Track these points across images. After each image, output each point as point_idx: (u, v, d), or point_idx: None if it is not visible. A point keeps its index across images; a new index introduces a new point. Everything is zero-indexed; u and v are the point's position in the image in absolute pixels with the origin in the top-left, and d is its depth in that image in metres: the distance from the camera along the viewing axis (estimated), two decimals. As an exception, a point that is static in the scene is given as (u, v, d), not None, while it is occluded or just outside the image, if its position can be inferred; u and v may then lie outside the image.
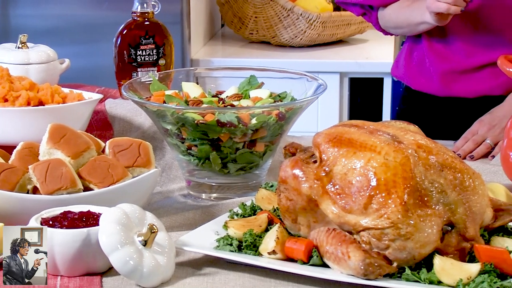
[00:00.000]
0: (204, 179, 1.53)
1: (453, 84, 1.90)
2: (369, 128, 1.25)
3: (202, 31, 3.09)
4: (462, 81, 1.89)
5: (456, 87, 1.90)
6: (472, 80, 1.88)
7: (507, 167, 1.48)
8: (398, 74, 2.04)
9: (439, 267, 1.13)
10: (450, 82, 1.90)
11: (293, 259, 1.22)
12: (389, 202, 1.16)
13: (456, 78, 1.89)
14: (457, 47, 1.88)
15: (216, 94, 1.63)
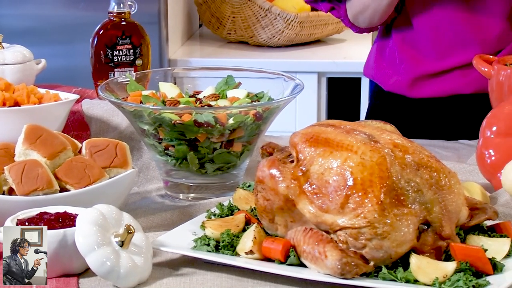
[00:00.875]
0: (181, 179, 1.53)
1: (423, 86, 1.91)
2: (346, 128, 1.25)
3: (180, 31, 3.09)
4: (432, 83, 1.90)
5: (427, 88, 1.91)
6: (442, 81, 1.89)
7: (483, 166, 1.49)
8: (370, 74, 2.05)
9: (415, 266, 1.14)
10: (421, 84, 1.91)
11: (271, 259, 1.22)
12: (365, 202, 1.16)
13: (426, 80, 1.91)
14: (427, 50, 1.90)
15: (193, 94, 1.63)
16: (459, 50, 1.86)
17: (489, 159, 1.47)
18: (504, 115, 1.48)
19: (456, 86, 1.89)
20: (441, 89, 1.90)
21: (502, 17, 1.81)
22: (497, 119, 1.48)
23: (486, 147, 1.48)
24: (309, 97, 2.87)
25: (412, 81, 1.91)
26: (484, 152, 1.48)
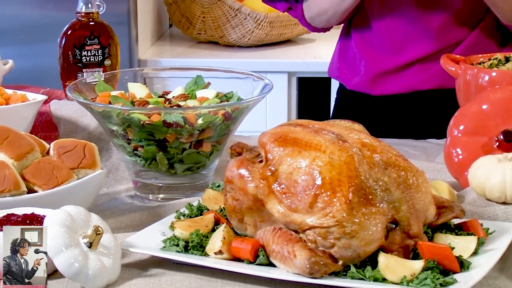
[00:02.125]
0: (151, 180, 1.52)
1: (383, 84, 1.93)
2: (314, 127, 1.26)
3: (150, 31, 3.08)
4: (392, 79, 1.92)
5: (387, 86, 1.93)
6: (401, 77, 1.92)
7: (450, 165, 1.50)
8: (334, 75, 2.07)
9: (383, 265, 1.15)
10: (381, 82, 1.93)
11: (240, 259, 1.22)
12: (334, 201, 1.17)
13: (385, 77, 1.93)
14: (384, 47, 1.92)
15: (162, 95, 1.63)
16: (413, 45, 1.89)
17: (457, 157, 1.48)
18: (471, 114, 1.49)
19: (415, 82, 1.91)
20: (400, 85, 1.93)
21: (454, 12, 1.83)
22: (464, 118, 1.50)
23: (454, 146, 1.49)
24: (279, 97, 2.87)
25: (372, 79, 1.94)
26: (451, 151, 1.49)
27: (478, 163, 1.39)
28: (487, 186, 1.36)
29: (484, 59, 1.65)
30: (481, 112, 1.48)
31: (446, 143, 1.51)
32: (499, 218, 1.34)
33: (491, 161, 1.38)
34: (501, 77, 1.54)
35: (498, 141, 1.45)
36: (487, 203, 1.37)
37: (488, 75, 1.55)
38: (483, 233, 1.24)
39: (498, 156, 1.38)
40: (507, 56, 1.62)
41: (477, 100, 1.50)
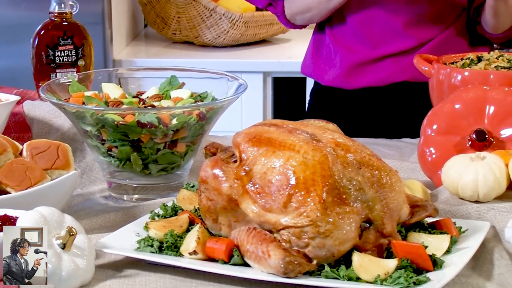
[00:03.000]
0: (125, 180, 1.52)
1: (358, 76, 1.95)
2: (288, 127, 1.26)
3: (124, 32, 3.07)
4: (367, 72, 1.94)
5: (362, 78, 1.94)
6: (376, 69, 1.93)
7: (424, 164, 1.51)
8: (307, 71, 2.07)
9: (357, 264, 1.15)
10: (356, 74, 1.95)
11: (214, 259, 1.22)
12: (308, 201, 1.17)
13: (360, 69, 1.94)
14: (360, 40, 1.93)
15: (136, 95, 1.62)
16: (388, 40, 1.90)
17: (430, 157, 1.49)
18: (444, 114, 1.50)
19: (389, 73, 1.93)
20: (375, 77, 1.94)
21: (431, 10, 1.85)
22: (437, 117, 1.51)
23: (427, 145, 1.50)
24: (255, 97, 2.87)
25: (348, 71, 1.95)
26: (425, 150, 1.50)
27: (451, 162, 1.40)
28: (459, 185, 1.37)
29: (457, 58, 1.66)
30: (454, 112, 1.49)
31: (419, 143, 1.52)
32: (472, 216, 1.34)
33: (464, 160, 1.39)
34: (473, 77, 1.55)
35: (470, 140, 1.46)
36: (460, 202, 1.38)
37: (460, 74, 1.56)
38: (456, 232, 1.25)
39: (471, 155, 1.39)
40: (479, 56, 1.63)
41: (450, 100, 1.51)
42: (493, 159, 1.37)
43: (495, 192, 1.36)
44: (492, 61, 1.59)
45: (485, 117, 1.48)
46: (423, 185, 1.42)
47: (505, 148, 1.44)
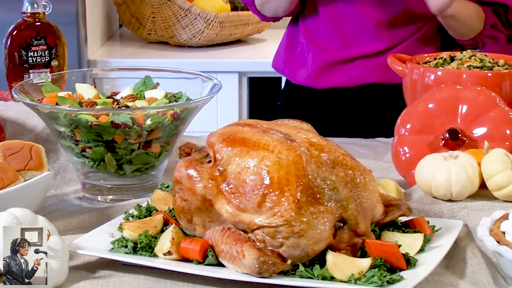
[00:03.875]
0: (99, 181, 1.51)
1: (328, 76, 1.95)
2: (262, 127, 1.26)
3: (99, 32, 3.05)
4: (337, 72, 1.94)
5: (332, 78, 1.95)
6: (348, 69, 1.94)
7: (398, 163, 1.52)
8: (278, 66, 2.07)
9: (331, 263, 1.15)
10: (326, 74, 1.95)
11: (189, 259, 1.22)
12: (282, 200, 1.17)
13: (333, 68, 1.94)
14: (331, 39, 1.93)
15: (111, 95, 1.62)
16: (360, 41, 1.91)
17: (404, 156, 1.50)
18: (417, 113, 1.51)
19: (359, 74, 1.93)
20: (345, 78, 1.94)
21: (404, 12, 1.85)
22: (411, 117, 1.51)
23: (401, 144, 1.51)
24: (230, 97, 2.87)
25: (319, 70, 1.95)
26: (399, 149, 1.51)
27: (424, 161, 1.41)
28: (433, 184, 1.38)
29: (430, 58, 1.67)
30: (427, 111, 1.50)
31: (393, 142, 1.53)
32: (445, 215, 1.35)
33: (437, 159, 1.39)
34: (446, 76, 1.56)
35: (444, 139, 1.47)
36: (433, 200, 1.39)
37: (434, 74, 1.57)
38: (429, 231, 1.26)
39: (444, 154, 1.40)
40: (452, 56, 1.64)
41: (423, 99, 1.52)
42: (465, 158, 1.38)
43: (468, 191, 1.37)
44: (464, 60, 1.61)
45: (458, 116, 1.49)
46: (397, 184, 1.43)
47: (478, 147, 1.45)
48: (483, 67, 1.58)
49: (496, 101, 1.48)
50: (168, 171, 1.56)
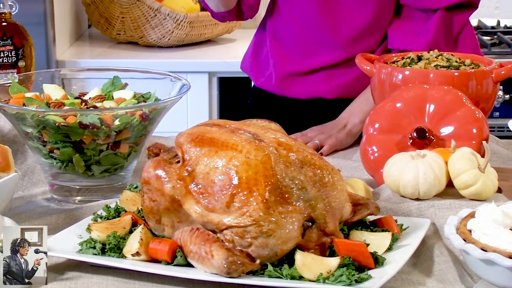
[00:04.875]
0: (67, 182, 1.50)
1: (289, 85, 1.94)
2: (231, 127, 1.26)
3: (68, 32, 3.04)
4: (298, 83, 1.94)
5: (292, 88, 1.94)
6: (308, 82, 1.93)
7: (366, 162, 1.52)
8: (246, 68, 2.07)
9: (300, 263, 1.16)
10: (287, 83, 1.94)
11: (158, 260, 1.22)
12: (250, 200, 1.17)
13: (293, 79, 1.94)
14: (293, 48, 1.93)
15: (79, 96, 1.61)
16: (322, 51, 1.90)
17: (372, 155, 1.50)
18: (385, 112, 1.52)
19: (320, 90, 1.93)
20: (306, 91, 1.94)
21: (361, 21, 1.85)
22: (379, 116, 1.52)
23: (369, 143, 1.51)
24: (200, 97, 2.87)
25: (280, 80, 1.95)
26: (367, 148, 1.51)
27: (392, 160, 1.42)
28: (401, 183, 1.39)
29: (398, 58, 1.68)
30: (395, 110, 1.51)
31: (362, 141, 1.53)
32: (413, 214, 1.36)
33: (405, 158, 1.40)
34: (414, 76, 1.57)
35: (411, 138, 1.48)
36: (401, 199, 1.40)
37: (401, 73, 1.58)
38: (397, 229, 1.27)
39: (412, 153, 1.41)
40: (419, 55, 1.65)
41: (391, 99, 1.53)
42: (433, 157, 1.39)
43: (435, 190, 1.38)
44: (431, 60, 1.62)
45: (426, 116, 1.50)
46: (365, 183, 1.44)
47: (445, 146, 1.46)
48: (450, 67, 1.59)
49: (463, 100, 1.49)
50: (137, 172, 1.56)
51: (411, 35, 1.83)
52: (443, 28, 1.80)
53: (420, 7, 1.82)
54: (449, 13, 1.80)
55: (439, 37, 1.79)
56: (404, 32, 1.84)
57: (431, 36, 1.79)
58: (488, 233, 1.13)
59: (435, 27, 1.79)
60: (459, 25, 1.81)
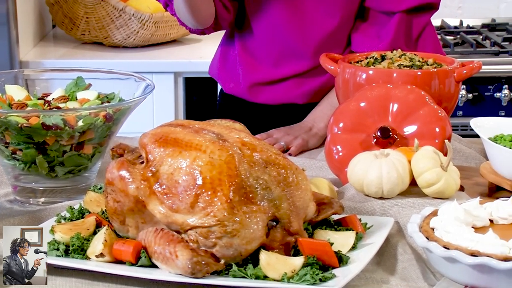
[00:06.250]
0: (31, 183, 1.49)
1: (259, 93, 1.94)
2: (195, 127, 1.26)
3: (31, 32, 3.01)
4: (268, 90, 1.94)
5: (262, 95, 1.94)
6: (278, 89, 1.93)
7: (331, 162, 1.53)
8: (213, 74, 2.07)
9: (264, 262, 1.16)
10: (257, 90, 1.94)
11: (122, 261, 1.21)
12: (215, 200, 1.17)
13: (262, 88, 1.94)
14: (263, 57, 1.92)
15: (42, 97, 1.60)
16: (291, 60, 1.90)
17: (337, 154, 1.51)
18: (349, 112, 1.52)
19: (291, 96, 1.93)
20: (276, 97, 1.94)
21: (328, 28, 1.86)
22: (343, 116, 1.53)
23: (334, 143, 1.52)
24: (166, 97, 2.86)
25: (248, 87, 1.94)
26: (332, 148, 1.52)
27: (356, 159, 1.43)
28: (364, 182, 1.40)
29: (361, 57, 1.69)
30: (359, 110, 1.52)
31: (326, 141, 1.54)
32: (377, 212, 1.37)
33: (368, 157, 1.41)
34: (377, 75, 1.58)
35: (375, 137, 1.49)
36: (365, 198, 1.41)
37: (365, 73, 1.59)
38: (361, 228, 1.27)
39: (375, 152, 1.42)
40: (382, 55, 1.66)
41: (355, 98, 1.54)
42: (396, 156, 1.40)
43: (399, 188, 1.39)
44: (395, 59, 1.63)
45: (389, 115, 1.50)
46: (329, 182, 1.44)
47: (408, 145, 1.47)
48: (412, 66, 1.60)
49: (426, 99, 1.50)
50: (101, 173, 1.55)
51: (372, 37, 1.84)
52: (403, 30, 1.81)
53: (381, 10, 1.83)
54: (409, 15, 1.81)
55: (399, 39, 1.81)
56: (366, 35, 1.85)
57: (390, 38, 1.80)
58: (451, 231, 1.14)
59: (394, 29, 1.80)
60: (420, 27, 1.83)
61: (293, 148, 1.78)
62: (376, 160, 1.39)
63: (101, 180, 1.54)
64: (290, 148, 1.78)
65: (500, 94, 2.75)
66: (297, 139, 1.79)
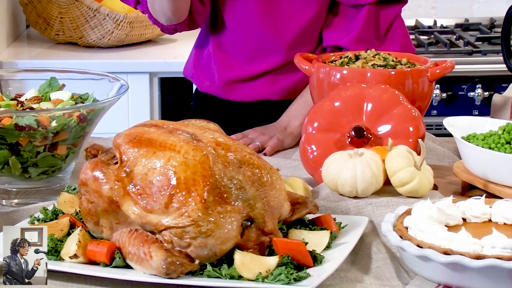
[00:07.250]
0: (4, 184, 1.48)
1: (234, 90, 1.94)
2: (169, 128, 1.26)
3: (5, 32, 2.99)
4: (243, 87, 1.94)
5: (237, 93, 1.94)
6: (253, 86, 1.93)
7: (305, 161, 1.53)
8: (188, 74, 2.06)
9: (239, 262, 1.16)
10: (232, 88, 1.94)
11: (96, 262, 1.21)
12: (189, 201, 1.17)
13: (237, 85, 1.94)
14: (237, 54, 1.92)
15: (15, 97, 1.59)
16: (265, 56, 1.90)
17: (312, 154, 1.51)
18: (324, 111, 1.53)
19: (266, 92, 1.93)
20: (251, 94, 1.94)
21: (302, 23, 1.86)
22: (318, 115, 1.53)
23: (309, 142, 1.52)
24: (141, 97, 2.85)
25: (223, 85, 1.94)
26: (306, 147, 1.52)
27: (330, 159, 1.43)
28: (339, 181, 1.40)
29: (336, 57, 1.69)
30: (333, 109, 1.52)
31: (301, 140, 1.54)
32: (351, 212, 1.37)
33: (343, 156, 1.41)
34: (351, 75, 1.58)
35: (350, 137, 1.50)
36: (340, 198, 1.41)
37: (339, 73, 1.59)
38: (336, 227, 1.28)
39: (349, 151, 1.42)
40: (357, 55, 1.67)
41: (329, 98, 1.54)
42: (370, 155, 1.40)
43: (373, 188, 1.39)
44: (369, 59, 1.63)
45: (363, 114, 1.51)
46: (304, 182, 1.44)
47: (382, 144, 1.48)
48: (386, 66, 1.61)
49: (400, 99, 1.51)
50: (76, 173, 1.54)
51: (341, 31, 1.84)
52: (372, 22, 1.82)
53: (351, 3, 1.84)
54: (378, 7, 1.82)
55: (367, 30, 1.82)
56: (336, 28, 1.86)
57: (358, 29, 1.81)
58: (424, 230, 1.15)
59: (363, 21, 1.81)
60: (389, 19, 1.84)
61: (268, 148, 1.78)
62: (351, 160, 1.40)
63: (75, 181, 1.53)
64: (265, 148, 1.78)
65: (474, 94, 2.77)
66: (272, 139, 1.80)
